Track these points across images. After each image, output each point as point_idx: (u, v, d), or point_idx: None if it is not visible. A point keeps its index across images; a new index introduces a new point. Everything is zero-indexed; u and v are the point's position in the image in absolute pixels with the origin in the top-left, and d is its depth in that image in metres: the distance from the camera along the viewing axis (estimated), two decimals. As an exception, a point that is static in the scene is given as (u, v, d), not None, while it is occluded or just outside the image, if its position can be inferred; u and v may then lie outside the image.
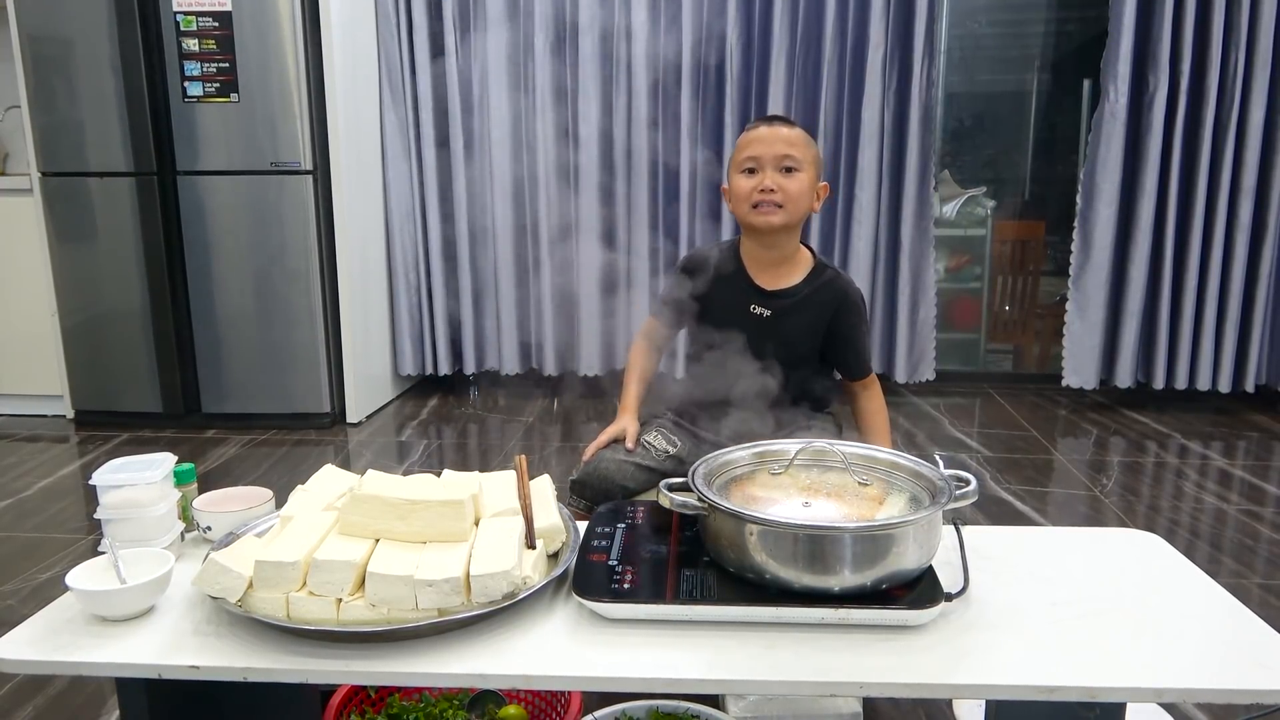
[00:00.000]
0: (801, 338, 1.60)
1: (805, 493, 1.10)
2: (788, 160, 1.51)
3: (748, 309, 1.60)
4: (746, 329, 1.56)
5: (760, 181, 1.51)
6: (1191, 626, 0.96)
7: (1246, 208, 3.15)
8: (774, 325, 1.58)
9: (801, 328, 1.60)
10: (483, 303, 3.58)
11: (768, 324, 1.58)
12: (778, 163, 1.52)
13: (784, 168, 1.52)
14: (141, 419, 3.20)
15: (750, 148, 1.54)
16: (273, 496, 1.22)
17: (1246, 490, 2.51)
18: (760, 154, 1.52)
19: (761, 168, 1.52)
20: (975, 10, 3.87)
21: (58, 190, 3.07)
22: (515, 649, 0.92)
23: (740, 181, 1.54)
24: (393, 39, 3.34)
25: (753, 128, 1.56)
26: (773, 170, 1.52)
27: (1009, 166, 4.07)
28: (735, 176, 1.56)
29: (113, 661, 0.92)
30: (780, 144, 1.52)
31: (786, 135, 1.53)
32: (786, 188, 1.51)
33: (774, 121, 1.56)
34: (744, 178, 1.54)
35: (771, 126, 1.54)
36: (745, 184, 1.53)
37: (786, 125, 1.55)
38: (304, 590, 0.95)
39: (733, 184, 1.57)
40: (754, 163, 1.53)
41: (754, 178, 1.53)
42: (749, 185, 1.53)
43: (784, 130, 1.53)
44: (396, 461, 2.84)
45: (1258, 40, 3.05)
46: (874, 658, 0.90)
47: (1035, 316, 4.01)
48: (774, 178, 1.51)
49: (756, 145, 1.53)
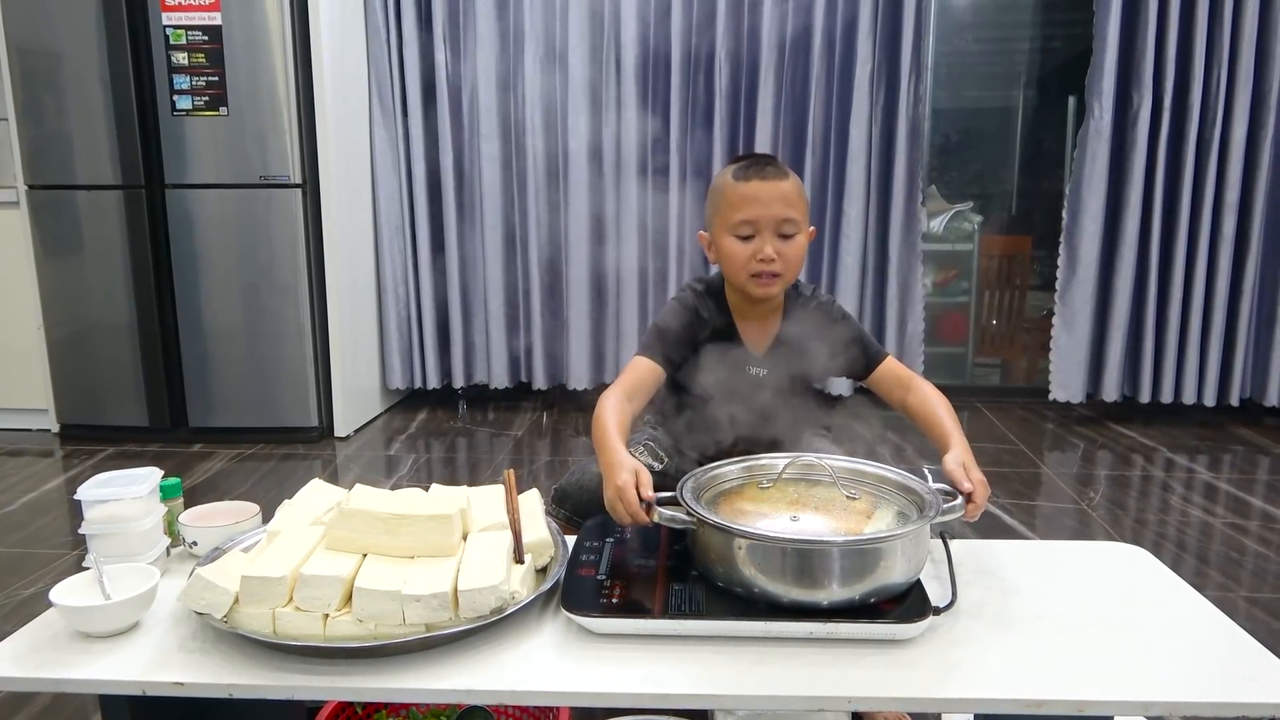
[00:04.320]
0: (799, 383, 1.53)
1: (793, 507, 1.10)
2: (787, 225, 1.37)
3: (745, 370, 1.50)
4: (744, 390, 1.48)
5: (759, 249, 1.36)
6: (1178, 640, 0.97)
7: (1230, 222, 3.18)
8: (771, 381, 1.51)
9: (798, 375, 1.52)
10: (471, 317, 3.58)
11: (765, 381, 1.51)
12: (777, 228, 1.37)
13: (783, 234, 1.37)
14: (127, 433, 3.17)
15: (746, 208, 1.37)
16: (259, 511, 1.21)
17: (1232, 504, 2.52)
18: (758, 217, 1.36)
19: (759, 232, 1.37)
20: (962, 27, 3.90)
21: (45, 203, 3.06)
22: (503, 664, 0.92)
23: (734, 246, 1.38)
24: (382, 52, 3.35)
25: (744, 179, 1.38)
26: (771, 236, 1.37)
27: (995, 182, 4.10)
28: (726, 238, 1.39)
29: (97, 678, 0.91)
30: (778, 204, 1.36)
31: (785, 193, 1.37)
32: (787, 255, 1.37)
33: (766, 172, 1.38)
34: (738, 243, 1.38)
35: (766, 181, 1.37)
36: (740, 250, 1.38)
37: (780, 176, 1.38)
38: (290, 606, 0.94)
39: (723, 245, 1.40)
40: (750, 228, 1.37)
41: (750, 244, 1.37)
42: (745, 253, 1.37)
43: (782, 186, 1.37)
44: (384, 476, 2.83)
45: (1239, 58, 3.09)
46: (862, 672, 0.90)
47: (1022, 331, 4.03)
48: (774, 244, 1.36)
49: (753, 206, 1.36)
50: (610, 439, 1.20)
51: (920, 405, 1.41)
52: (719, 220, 1.41)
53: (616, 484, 1.08)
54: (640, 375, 1.40)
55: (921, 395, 1.42)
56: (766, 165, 1.39)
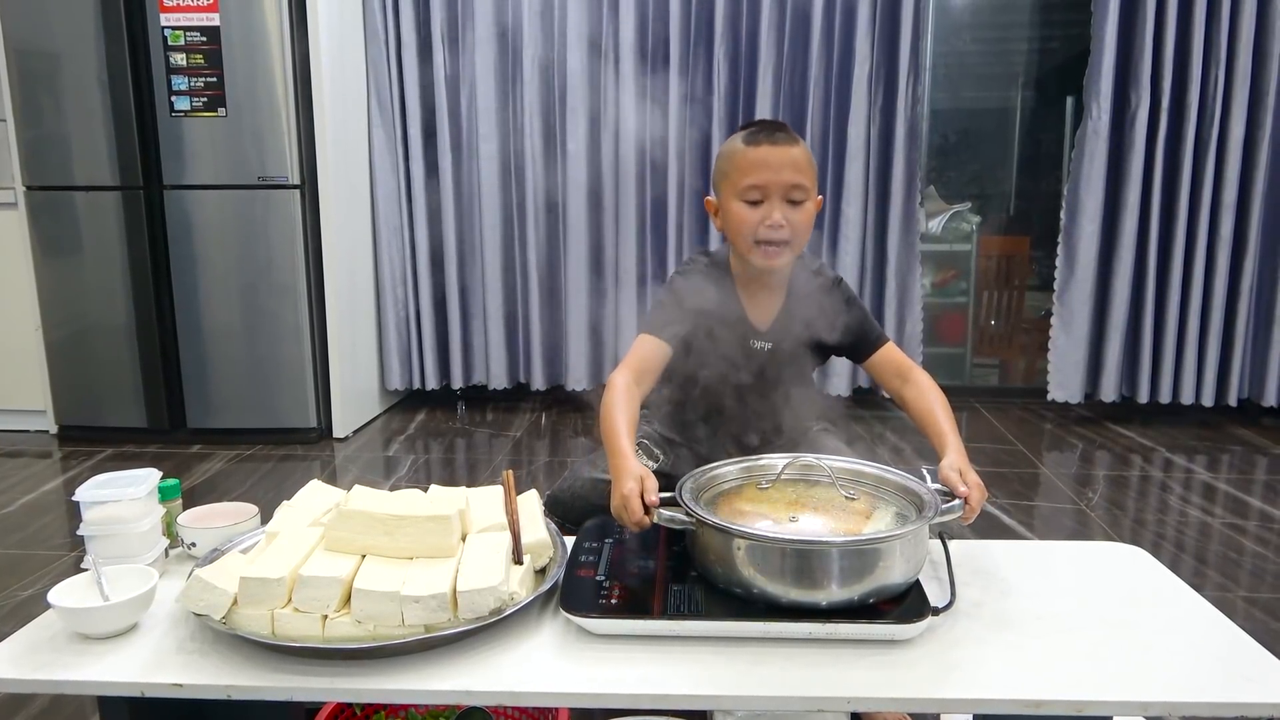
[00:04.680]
0: (803, 360, 1.54)
1: (792, 507, 1.10)
2: (796, 191, 1.35)
3: (748, 344, 1.49)
4: (747, 364, 1.48)
5: (767, 216, 1.35)
6: (1176, 640, 0.97)
7: (1228, 222, 3.19)
8: (774, 356, 1.51)
9: (801, 350, 1.52)
10: (470, 317, 3.57)
11: (768, 355, 1.50)
12: (786, 193, 1.35)
13: (792, 199, 1.36)
14: (126, 434, 3.17)
15: (755, 173, 1.35)
16: (258, 512, 1.21)
17: (1230, 504, 2.52)
18: (767, 182, 1.34)
19: (768, 197, 1.35)
20: (960, 28, 3.91)
21: (43, 204, 3.05)
22: (502, 665, 0.92)
23: (741, 211, 1.37)
24: (381, 53, 3.35)
25: (753, 143, 1.36)
26: (780, 202, 1.35)
27: (994, 182, 4.10)
28: (734, 202, 1.38)
29: (95, 680, 0.91)
30: (788, 170, 1.34)
31: (795, 159, 1.35)
32: (795, 222, 1.36)
33: (777, 137, 1.36)
34: (746, 208, 1.36)
35: (776, 146, 1.35)
36: (748, 216, 1.36)
37: (790, 142, 1.36)
38: (289, 607, 0.94)
39: (730, 210, 1.39)
40: (759, 193, 1.35)
41: (758, 210, 1.36)
42: (753, 218, 1.36)
43: (792, 152, 1.35)
44: (383, 477, 2.83)
45: (1237, 58, 3.09)
46: (861, 672, 0.90)
47: (1020, 331, 4.03)
48: (782, 210, 1.35)
49: (762, 171, 1.34)
50: (618, 441, 1.20)
51: (916, 400, 1.41)
52: (727, 185, 1.40)
53: (623, 492, 1.08)
54: (647, 355, 1.39)
55: (919, 390, 1.41)
56: (776, 130, 1.38)
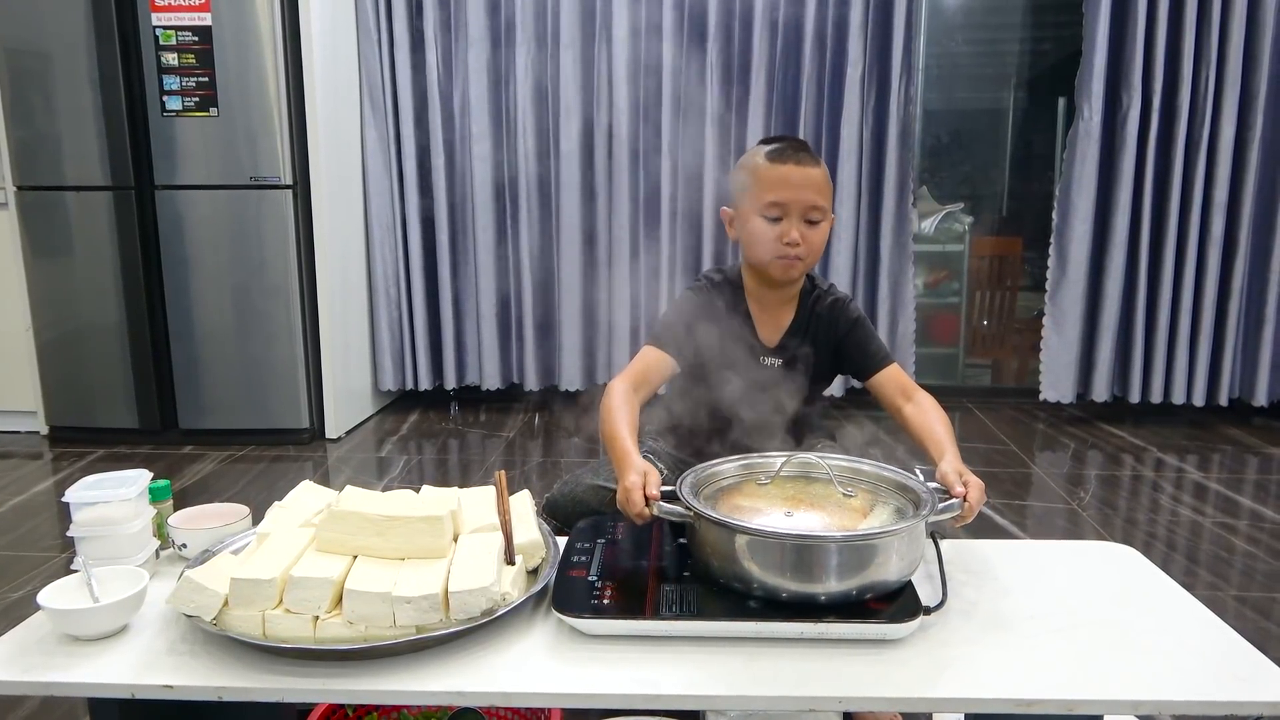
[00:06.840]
0: (813, 378, 1.56)
1: (791, 504, 1.10)
2: (815, 212, 1.42)
3: (757, 361, 1.52)
4: (756, 381, 1.49)
5: (785, 233, 1.41)
6: (1167, 639, 0.97)
7: (1218, 223, 3.20)
8: (784, 373, 1.53)
9: (810, 370, 1.54)
10: (463, 318, 3.57)
11: (778, 373, 1.53)
12: (805, 213, 1.41)
13: (810, 220, 1.42)
14: (117, 435, 3.16)
15: (777, 190, 1.41)
16: (249, 513, 1.21)
17: (1221, 503, 2.53)
18: (788, 200, 1.40)
19: (787, 215, 1.41)
20: (952, 29, 3.92)
21: (34, 204, 3.04)
22: (494, 666, 0.92)
23: (761, 226, 1.42)
24: (374, 53, 3.34)
25: (779, 160, 1.42)
26: (799, 220, 1.41)
27: (986, 183, 4.12)
28: (754, 217, 1.43)
29: (85, 681, 0.90)
30: (809, 191, 1.41)
31: (816, 180, 1.42)
32: (811, 240, 1.42)
33: (801, 158, 1.42)
34: (765, 224, 1.42)
35: (801, 167, 1.41)
36: (767, 231, 1.42)
37: (813, 163, 1.43)
38: (280, 608, 0.94)
39: (750, 224, 1.44)
40: (780, 210, 1.41)
41: (777, 226, 1.41)
42: (771, 234, 1.42)
43: (814, 173, 1.42)
44: (376, 477, 2.82)
45: (1227, 59, 3.11)
46: (854, 672, 0.90)
47: (1013, 331, 4.04)
48: (799, 229, 1.41)
49: (784, 189, 1.40)
50: (620, 438, 1.23)
51: (918, 415, 1.42)
52: (748, 199, 1.44)
53: (626, 484, 1.11)
54: (649, 364, 1.44)
55: (923, 407, 1.43)
56: (800, 150, 1.44)
